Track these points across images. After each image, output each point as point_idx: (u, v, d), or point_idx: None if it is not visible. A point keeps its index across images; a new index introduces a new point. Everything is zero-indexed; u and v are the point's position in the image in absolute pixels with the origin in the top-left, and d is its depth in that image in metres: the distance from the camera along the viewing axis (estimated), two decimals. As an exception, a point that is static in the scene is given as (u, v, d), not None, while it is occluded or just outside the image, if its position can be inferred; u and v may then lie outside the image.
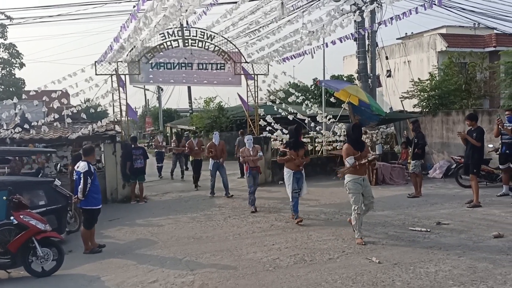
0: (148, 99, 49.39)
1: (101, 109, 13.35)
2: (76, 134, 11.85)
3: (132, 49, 11.72)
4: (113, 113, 12.46)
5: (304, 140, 14.82)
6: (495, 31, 23.17)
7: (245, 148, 10.16)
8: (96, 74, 12.13)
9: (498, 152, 10.33)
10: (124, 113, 12.42)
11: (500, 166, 10.22)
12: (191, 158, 14.13)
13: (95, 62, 12.07)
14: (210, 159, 11.97)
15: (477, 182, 9.30)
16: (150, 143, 40.16)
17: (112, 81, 12.20)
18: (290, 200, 8.44)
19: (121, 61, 12.27)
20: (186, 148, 14.15)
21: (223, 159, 12.05)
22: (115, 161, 11.95)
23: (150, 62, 12.73)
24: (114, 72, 12.20)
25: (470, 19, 20.07)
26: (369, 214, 8.91)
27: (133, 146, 12.10)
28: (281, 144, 8.89)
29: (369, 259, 5.95)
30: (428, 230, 7.32)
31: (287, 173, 8.42)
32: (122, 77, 12.36)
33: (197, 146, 13.80)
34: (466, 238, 6.76)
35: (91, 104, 12.91)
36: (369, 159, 6.89)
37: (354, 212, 6.87)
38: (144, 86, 35.02)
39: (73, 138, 11.89)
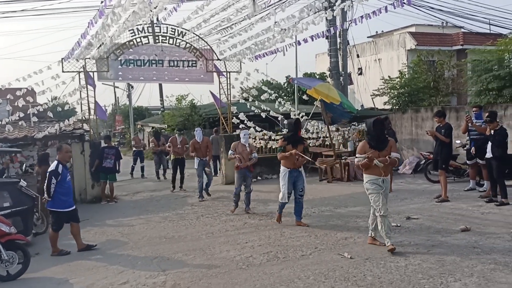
0: (118, 97, 48.51)
1: (69, 107, 12.99)
2: (43, 133, 11.49)
3: (100, 45, 11.45)
4: (81, 111, 12.14)
5: (278, 137, 14.88)
6: (463, 30, 23.81)
7: (238, 144, 9.18)
8: (63, 72, 11.79)
9: (465, 148, 10.60)
10: (92, 111, 12.13)
11: (468, 162, 10.49)
12: (171, 157, 12.98)
13: (62, 59, 11.74)
14: (195, 158, 11.22)
15: (445, 177, 9.51)
16: (121, 141, 39.54)
17: (80, 79, 11.89)
18: (279, 199, 7.77)
19: (89, 58, 11.97)
20: (168, 146, 13.11)
21: (209, 157, 11.50)
22: (84, 161, 11.66)
23: (119, 59, 12.46)
24: (81, 69, 11.88)
25: (439, 18, 20.66)
26: (341, 210, 9.07)
27: (106, 145, 11.84)
28: (280, 138, 8.11)
29: (341, 255, 5.99)
30: (399, 225, 7.43)
31: (283, 171, 7.70)
32: (91, 74, 12.06)
33: (181, 145, 12.73)
34: (435, 232, 6.90)
35: (58, 102, 12.52)
36: (387, 160, 6.10)
37: (378, 215, 6.11)
38: (114, 84, 34.30)
39: (39, 137, 11.53)
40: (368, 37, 28.25)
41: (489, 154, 8.74)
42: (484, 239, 6.38)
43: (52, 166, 6.97)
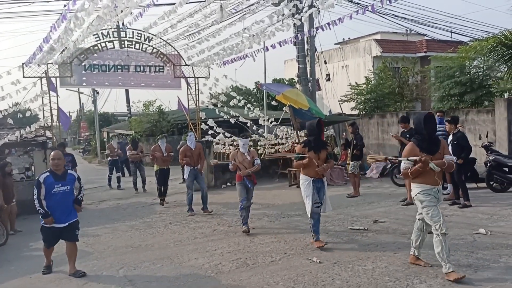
0: (83, 103, 47.43)
1: (31, 113, 12.55)
2: (2, 141, 11.03)
3: (63, 50, 11.14)
4: (43, 117, 11.75)
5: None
6: (426, 38, 24.56)
7: (237, 152, 8.22)
8: (23, 77, 11.40)
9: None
10: (55, 118, 11.76)
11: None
12: (155, 167, 11.44)
13: (23, 64, 11.35)
14: (185, 166, 9.98)
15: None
16: (86, 149, 38.58)
17: (41, 84, 11.51)
18: (309, 216, 6.64)
19: (52, 63, 11.62)
20: (150, 154, 11.57)
21: (201, 166, 10.04)
22: (46, 169, 11.25)
23: (83, 64, 12.16)
24: (43, 75, 11.52)
25: (403, 25, 21.18)
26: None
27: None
28: (298, 144, 6.99)
29: (310, 260, 6.00)
30: (366, 228, 7.53)
31: (305, 180, 6.69)
32: (53, 79, 11.71)
33: (166, 152, 11.35)
34: (401, 235, 7.01)
35: (18, 109, 12.07)
36: (445, 163, 5.08)
37: (438, 233, 5.06)
38: (79, 89, 33.53)
39: (-1, 145, 11.07)
40: (335, 44, 28.73)
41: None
42: (448, 240, 6.48)
43: (38, 176, 6.09)
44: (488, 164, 10.14)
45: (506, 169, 10.03)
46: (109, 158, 15.59)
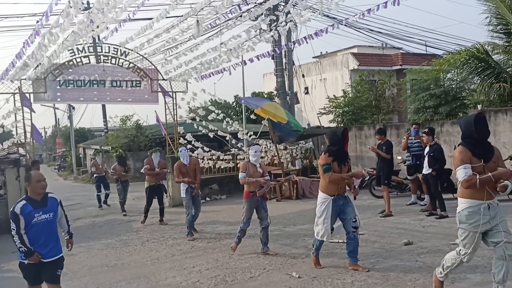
0: (58, 118, 46.58)
1: (3, 130, 12.24)
2: (-27, 159, 10.72)
3: (37, 66, 10.94)
4: (16, 134, 11.47)
5: (226, 157, 14.81)
6: (401, 51, 25.10)
7: (248, 163, 7.18)
8: (-4, 93, 11.14)
9: (406, 164, 11.01)
10: (29, 135, 11.50)
11: (408, 177, 10.90)
12: (146, 184, 10.51)
13: (-5, 80, 11.10)
14: (181, 184, 8.95)
15: (388, 192, 9.80)
16: (62, 165, 37.80)
17: (14, 100, 11.26)
18: (318, 238, 5.93)
19: (25, 79, 11.39)
20: (144, 169, 10.51)
21: (198, 184, 9.02)
22: (19, 187, 10.95)
23: (57, 79, 11.95)
24: (17, 91, 11.28)
25: (378, 39, 21.62)
26: (289, 229, 9.05)
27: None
28: (323, 153, 5.90)
29: (290, 274, 5.94)
30: (345, 241, 7.50)
31: (323, 199, 5.82)
32: (28, 95, 11.47)
33: (159, 167, 10.50)
34: (379, 247, 7.03)
35: (-10, 126, 11.78)
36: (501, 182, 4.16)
37: (458, 255, 4.50)
38: (54, 105, 32.96)
39: (-30, 163, 10.73)
40: (313, 57, 29.08)
41: (425, 170, 9.12)
42: (426, 251, 6.57)
43: (13, 207, 4.72)
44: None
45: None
46: (94, 175, 14.44)
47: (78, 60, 12.01)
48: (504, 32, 13.65)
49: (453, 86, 15.08)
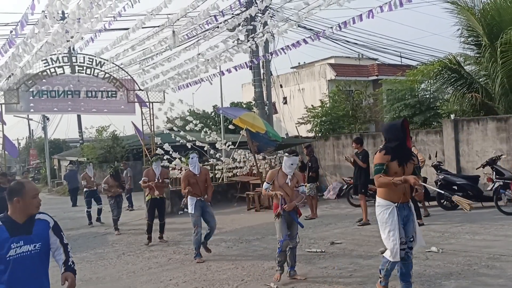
0: (32, 130, 45.57)
1: (-27, 142, 11.94)
2: None
3: (9, 76, 10.71)
4: (-13, 146, 11.20)
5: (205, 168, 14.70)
6: (377, 62, 25.53)
7: (278, 171, 6.23)
8: (-34, 104, 10.85)
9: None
10: (0, 147, 11.21)
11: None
12: (146, 197, 9.60)
13: (-35, 90, 10.82)
14: (189, 198, 7.79)
15: (365, 201, 9.90)
16: (36, 177, 36.88)
17: (-15, 111, 11.00)
18: (392, 260, 4.63)
19: (-3, 90, 11.16)
20: (144, 181, 9.47)
21: (209, 196, 7.96)
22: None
23: (30, 90, 11.74)
24: (-12, 101, 11.03)
25: (355, 50, 21.98)
26: (268, 238, 9.02)
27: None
28: (378, 150, 4.82)
29: (268, 285, 5.91)
30: (323, 250, 7.53)
31: (386, 207, 4.65)
32: (-2, 106, 11.23)
33: (161, 177, 9.49)
34: (357, 256, 7.06)
35: (-40, 138, 11.45)
36: None
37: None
38: (28, 116, 32.29)
39: None
40: (291, 68, 29.32)
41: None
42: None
43: None
44: (438, 183, 10.51)
45: (456, 187, 10.44)
46: (85, 190, 13.03)
47: (52, 70, 11.84)
48: (475, 44, 14.08)
49: (427, 96, 15.41)
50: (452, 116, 12.74)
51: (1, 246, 3.09)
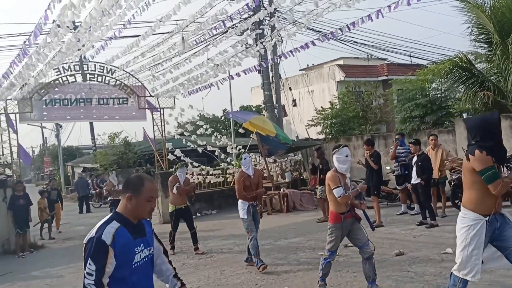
0: (46, 137, 46.16)
1: (-11, 151, 12.14)
2: (-42, 181, 10.54)
3: (23, 85, 10.88)
4: (3, 155, 11.35)
5: (216, 172, 14.77)
6: (386, 62, 25.42)
7: (337, 175, 5.44)
8: (-20, 114, 11.05)
9: (394, 174, 11.09)
10: (15, 155, 11.38)
11: (398, 187, 10.98)
12: (170, 207, 9.04)
13: (-20, 101, 11.02)
14: (240, 202, 7.13)
15: (378, 202, 9.85)
16: (48, 186, 37.31)
17: (0, 121, 11.18)
18: (467, 277, 3.93)
19: (11, 99, 11.32)
20: (173, 186, 8.86)
21: (259, 200, 7.47)
22: (6, 208, 10.79)
23: (43, 98, 11.91)
24: (2, 111, 11.20)
25: (363, 51, 21.93)
26: (281, 242, 9.02)
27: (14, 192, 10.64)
28: (482, 152, 3.79)
29: (282, 290, 5.91)
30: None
31: (474, 221, 3.92)
32: (12, 116, 11.39)
33: (185, 185, 9.02)
34: (371, 259, 7.01)
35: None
36: None
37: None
38: (41, 124, 32.72)
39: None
40: (300, 70, 29.33)
41: (414, 179, 9.19)
42: (417, 262, 6.59)
43: (96, 230, 2.71)
44: (452, 183, 10.39)
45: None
46: (109, 199, 12.26)
47: (64, 79, 11.98)
48: (486, 42, 13.94)
49: (438, 95, 15.29)
50: (465, 115, 12.65)
51: (126, 251, 2.61)
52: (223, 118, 29.23)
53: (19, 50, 9.35)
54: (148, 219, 2.88)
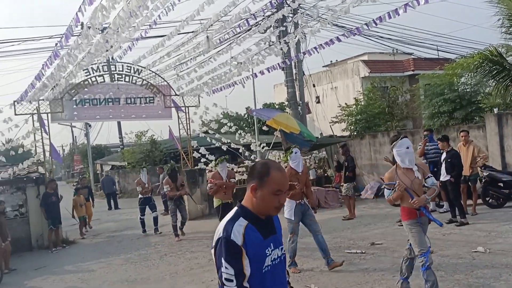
0: (75, 136, 47.33)
1: (23, 150, 12.54)
2: (-5, 179, 10.96)
3: (54, 86, 11.21)
4: (35, 153, 11.73)
5: (240, 169, 14.85)
6: (412, 56, 24.92)
7: (396, 172, 5.14)
8: (15, 114, 11.45)
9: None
10: (48, 154, 11.75)
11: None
12: (215, 202, 9.04)
13: (14, 101, 11.40)
14: (287, 201, 6.30)
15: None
16: (78, 184, 38.27)
17: (33, 121, 11.55)
18: None
19: (43, 100, 11.68)
20: (210, 181, 8.92)
21: (311, 198, 7.20)
22: (40, 205, 11.15)
23: (74, 99, 12.25)
24: (35, 111, 11.56)
25: (389, 46, 21.57)
26: (306, 239, 9.00)
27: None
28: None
29: (308, 287, 5.92)
30: (364, 251, 7.46)
31: None
32: (44, 115, 11.75)
33: (228, 179, 9.09)
34: (399, 257, 6.89)
35: (10, 146, 12.06)
36: None
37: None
38: (71, 123, 33.59)
39: (-9, 183, 10.96)
40: (323, 66, 29.09)
41: (443, 177, 9.02)
42: (447, 260, 6.49)
43: (224, 228, 2.32)
44: (483, 180, 10.15)
45: (501, 185, 10.05)
46: (139, 196, 11.99)
47: (93, 79, 12.30)
48: (518, 34, 13.50)
49: (468, 90, 14.91)
50: (495, 110, 12.30)
51: (257, 253, 2.19)
52: (246, 116, 29.33)
53: (50, 52, 9.63)
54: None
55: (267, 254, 2.23)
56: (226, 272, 2.12)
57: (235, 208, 2.32)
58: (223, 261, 2.12)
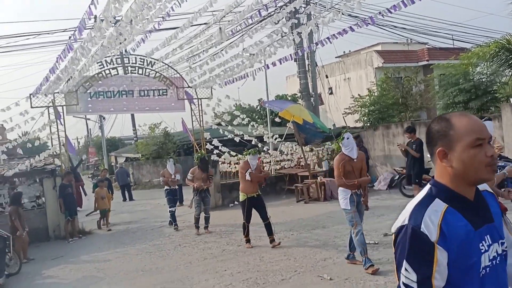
0: (90, 129, 47.86)
1: (39, 142, 12.79)
2: (13, 171, 11.18)
3: (69, 79, 11.36)
4: (51, 146, 11.95)
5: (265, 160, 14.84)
6: (427, 46, 24.60)
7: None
8: (31, 107, 11.64)
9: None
10: (63, 146, 11.94)
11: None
12: (241, 196, 8.34)
13: (30, 94, 11.59)
14: (341, 190, 6.27)
15: (419, 191, 9.67)
16: (95, 174, 38.85)
17: (49, 113, 11.74)
18: None
19: (58, 92, 11.85)
20: (244, 176, 8.22)
21: (364, 186, 6.54)
22: (56, 196, 11.39)
23: (88, 91, 12.40)
24: (50, 104, 11.74)
25: (403, 36, 21.30)
26: (319, 230, 9.07)
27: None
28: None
29: (321, 277, 5.97)
30: (376, 242, 7.48)
31: None
32: (59, 108, 11.93)
33: (257, 171, 8.40)
34: (412, 247, 6.95)
35: (27, 138, 12.31)
36: None
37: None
38: (86, 116, 33.99)
39: (10, 175, 11.20)
40: (336, 57, 28.86)
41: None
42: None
43: (410, 215, 1.65)
44: (498, 171, 10.03)
45: (516, 175, 9.93)
46: (165, 188, 11.45)
47: (107, 72, 12.41)
48: (535, 22, 13.23)
49: (483, 79, 14.70)
50: (511, 99, 12.12)
51: (465, 250, 1.56)
52: (258, 107, 29.32)
53: (64, 45, 9.75)
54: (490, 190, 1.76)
55: (482, 251, 1.57)
56: (406, 276, 1.57)
57: (427, 187, 1.70)
58: (405, 260, 1.57)
